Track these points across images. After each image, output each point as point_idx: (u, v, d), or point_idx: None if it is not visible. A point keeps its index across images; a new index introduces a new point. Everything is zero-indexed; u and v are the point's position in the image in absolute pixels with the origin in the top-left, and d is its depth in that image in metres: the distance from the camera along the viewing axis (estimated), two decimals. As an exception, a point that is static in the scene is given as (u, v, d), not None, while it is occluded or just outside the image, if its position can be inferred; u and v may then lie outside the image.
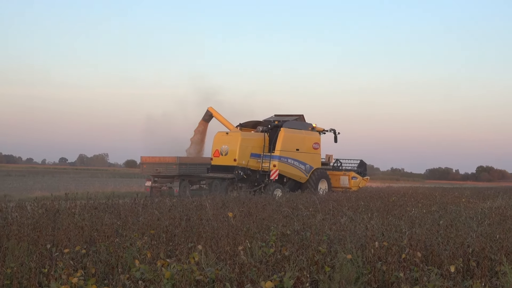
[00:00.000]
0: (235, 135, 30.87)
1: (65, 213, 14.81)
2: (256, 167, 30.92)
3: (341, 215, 16.93)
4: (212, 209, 16.99)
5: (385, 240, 11.14)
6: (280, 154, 31.16)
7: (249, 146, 30.71)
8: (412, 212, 18.31)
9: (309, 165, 32.76)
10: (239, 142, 30.25)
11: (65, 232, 11.93)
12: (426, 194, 30.05)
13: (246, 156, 30.50)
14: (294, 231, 12.60)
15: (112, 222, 13.43)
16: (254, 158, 30.85)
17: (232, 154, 30.29)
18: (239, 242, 10.96)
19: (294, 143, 32.10)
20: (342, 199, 22.49)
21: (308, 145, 32.95)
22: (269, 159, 30.94)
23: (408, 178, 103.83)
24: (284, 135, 31.42)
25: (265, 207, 18.24)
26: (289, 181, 32.25)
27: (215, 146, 30.98)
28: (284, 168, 31.45)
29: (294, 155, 31.94)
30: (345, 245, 10.72)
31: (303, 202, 20.78)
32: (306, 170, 32.62)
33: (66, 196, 18.47)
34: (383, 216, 17.01)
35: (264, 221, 14.46)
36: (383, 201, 22.35)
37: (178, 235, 11.96)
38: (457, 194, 30.21)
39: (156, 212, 15.52)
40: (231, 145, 30.47)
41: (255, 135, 31.72)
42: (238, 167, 30.07)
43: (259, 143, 31.17)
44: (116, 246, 10.13)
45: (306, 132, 33.19)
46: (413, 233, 12.46)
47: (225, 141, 30.74)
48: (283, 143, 31.33)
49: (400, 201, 22.74)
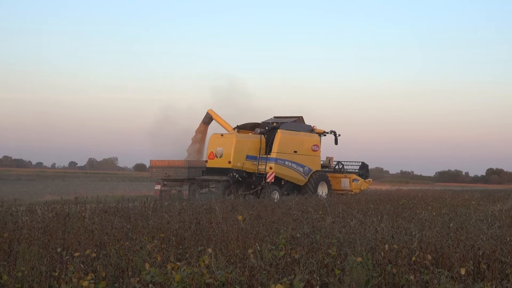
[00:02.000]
0: (230, 137, 30.61)
1: (75, 217, 14.86)
2: (252, 169, 30.57)
3: (351, 218, 16.91)
4: (221, 212, 17.01)
5: (395, 242, 11.12)
6: (276, 156, 30.88)
7: (244, 148, 30.41)
8: (422, 214, 18.26)
9: (308, 168, 32.48)
10: (233, 144, 29.99)
11: (75, 236, 11.98)
12: (435, 196, 29.95)
13: (242, 158, 30.21)
14: (304, 234, 12.59)
15: (122, 226, 13.48)
16: (250, 161, 30.54)
17: (227, 156, 30.02)
18: (249, 245, 10.97)
19: (292, 145, 31.85)
20: (352, 202, 22.47)
21: (306, 147, 32.70)
22: (265, 161, 30.69)
23: (417, 181, 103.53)
24: (281, 137, 31.17)
25: (274, 210, 18.25)
26: (287, 184, 31.92)
27: (210, 148, 30.78)
28: (281, 171, 31.15)
29: (291, 157, 31.67)
30: (355, 248, 10.71)
31: (313, 205, 20.78)
32: (305, 173, 32.36)
33: (76, 200, 18.54)
34: (393, 219, 16.98)
35: (273, 224, 14.46)
36: (393, 204, 22.30)
37: (188, 238, 11.97)
38: (467, 197, 30.08)
39: (166, 216, 15.56)
40: (226, 147, 30.21)
41: (251, 137, 31.39)
42: (233, 170, 29.77)
43: (255, 145, 30.86)
44: (126, 249, 10.16)
45: (305, 134, 32.95)
46: (423, 236, 12.44)
47: (220, 143, 30.51)
48: (279, 145, 31.06)
49: (409, 204, 22.68)
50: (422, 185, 79.04)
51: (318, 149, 33.41)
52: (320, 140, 33.99)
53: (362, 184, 35.63)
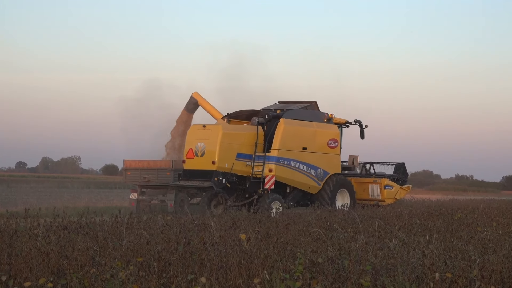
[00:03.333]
0: (215, 128, 29.55)
1: (25, 235, 14.90)
2: (245, 172, 29.61)
3: (390, 238, 16.92)
4: (218, 230, 17.04)
5: (449, 270, 11.13)
6: (278, 154, 29.84)
7: (234, 143, 29.48)
8: (485, 233, 18.26)
9: (322, 170, 31.49)
10: (219, 138, 28.90)
11: (25, 260, 12.01)
12: (502, 209, 29.94)
13: (230, 158, 29.19)
14: (328, 258, 12.62)
15: (87, 247, 13.51)
16: (242, 160, 29.57)
17: (210, 154, 28.98)
18: (255, 273, 10.99)
19: (300, 140, 30.93)
20: (391, 216, 22.50)
21: (321, 143, 31.71)
22: (263, 161, 29.72)
23: (478, 189, 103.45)
24: (284, 129, 30.08)
25: (288, 227, 18.27)
26: (293, 192, 31.18)
27: (189, 144, 29.88)
28: (284, 174, 30.22)
29: (299, 156, 30.72)
30: (396, 277, 10.72)
31: (339, 220, 20.79)
32: (318, 177, 31.36)
33: (26, 212, 18.56)
34: (445, 238, 16.99)
35: (287, 246, 14.49)
36: (446, 219, 22.31)
37: (174, 263, 12.00)
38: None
39: (145, 234, 15.59)
40: (209, 142, 29.19)
41: (244, 129, 30.70)
42: (219, 172, 28.65)
43: (249, 140, 29.89)
44: (93, 278, 10.19)
45: (319, 125, 31.91)
46: (486, 261, 12.44)
47: (202, 137, 29.52)
48: (282, 139, 29.97)
49: (468, 219, 22.69)
50: (485, 194, 78.99)
51: (337, 145, 32.42)
52: (340, 133, 33.35)
53: (397, 191, 34.92)
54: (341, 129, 33.83)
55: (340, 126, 33.80)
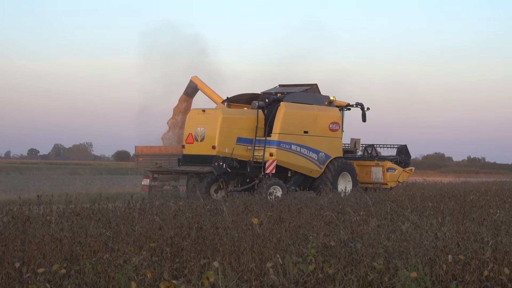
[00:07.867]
0: (215, 113, 29.84)
1: (38, 222, 14.93)
2: (245, 156, 29.79)
3: (402, 221, 16.91)
4: (231, 214, 17.05)
5: (461, 252, 11.12)
6: (279, 138, 30.06)
7: (234, 128, 29.68)
8: (497, 215, 18.22)
9: (324, 154, 31.56)
10: (219, 123, 29.10)
11: (38, 247, 12.06)
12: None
13: (231, 142, 29.41)
14: (340, 241, 12.61)
15: (99, 233, 13.55)
16: (242, 145, 29.78)
17: (210, 139, 29.20)
18: (268, 257, 11.01)
19: (301, 123, 31.09)
20: (404, 199, 22.47)
21: (322, 126, 31.83)
22: (264, 145, 29.93)
23: (491, 171, 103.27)
24: (284, 112, 30.26)
25: (300, 211, 18.28)
26: (295, 176, 31.35)
27: (188, 129, 30.11)
28: (285, 158, 30.43)
29: (300, 139, 30.91)
30: (408, 259, 10.72)
31: (351, 203, 20.80)
32: (320, 161, 31.46)
33: (39, 199, 18.60)
34: (458, 221, 16.97)
35: (300, 229, 14.50)
36: (458, 201, 22.26)
37: (186, 248, 12.03)
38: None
39: (157, 219, 15.61)
40: (208, 127, 29.36)
41: (245, 113, 30.91)
42: (219, 157, 28.76)
43: (249, 124, 30.12)
44: (106, 264, 10.21)
45: (320, 108, 32.02)
46: (498, 243, 12.42)
47: (201, 121, 29.70)
48: (283, 123, 30.17)
49: (480, 201, 22.63)
50: (497, 176, 78.78)
51: (338, 129, 32.48)
52: (341, 116, 33.20)
53: (400, 174, 34.75)
54: (342, 112, 33.76)
55: (341, 109, 33.77)
